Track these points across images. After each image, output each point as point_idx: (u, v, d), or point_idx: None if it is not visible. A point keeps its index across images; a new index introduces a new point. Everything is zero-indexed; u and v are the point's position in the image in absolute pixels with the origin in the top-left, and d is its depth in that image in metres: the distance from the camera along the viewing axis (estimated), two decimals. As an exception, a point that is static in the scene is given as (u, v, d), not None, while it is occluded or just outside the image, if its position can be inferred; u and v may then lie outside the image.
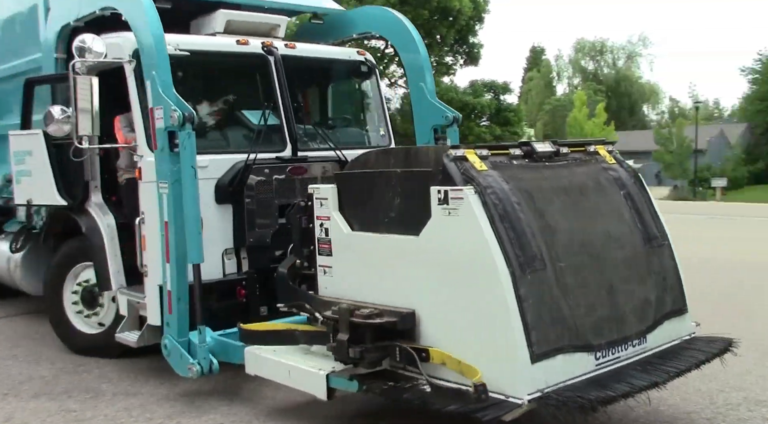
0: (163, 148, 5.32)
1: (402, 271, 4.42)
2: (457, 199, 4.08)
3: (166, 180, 5.32)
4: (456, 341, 4.11)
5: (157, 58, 5.36)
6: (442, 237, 4.17)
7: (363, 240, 4.70)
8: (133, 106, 5.87)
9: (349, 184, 4.86)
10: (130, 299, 6.18)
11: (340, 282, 4.85)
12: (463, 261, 4.07)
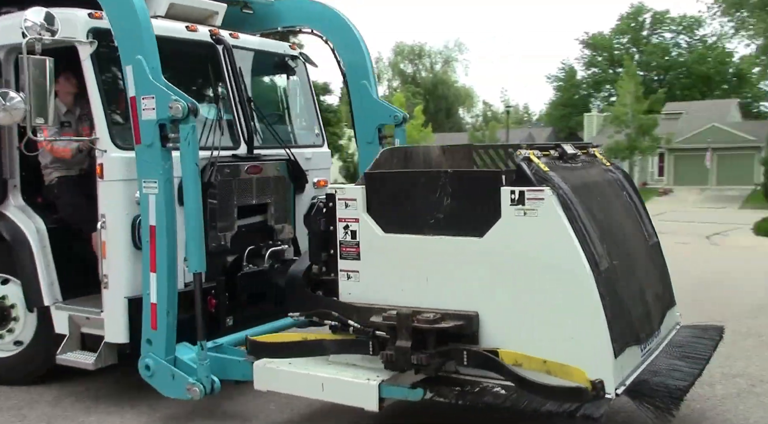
0: (152, 143, 4.69)
1: (460, 272, 4.31)
2: (535, 200, 4.07)
3: (154, 179, 4.71)
4: (529, 341, 4.10)
5: (143, 39, 4.71)
6: (514, 238, 4.14)
7: (402, 242, 4.51)
8: (93, 94, 5.12)
9: (383, 185, 4.64)
10: (73, 315, 5.37)
11: (369, 287, 4.61)
12: (542, 261, 4.07)
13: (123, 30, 4.79)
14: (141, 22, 4.72)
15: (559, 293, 4.04)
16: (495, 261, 4.21)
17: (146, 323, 4.87)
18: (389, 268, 4.56)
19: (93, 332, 5.36)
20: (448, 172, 4.47)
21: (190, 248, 4.69)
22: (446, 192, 4.40)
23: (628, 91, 39.30)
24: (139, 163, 4.78)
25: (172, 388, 4.81)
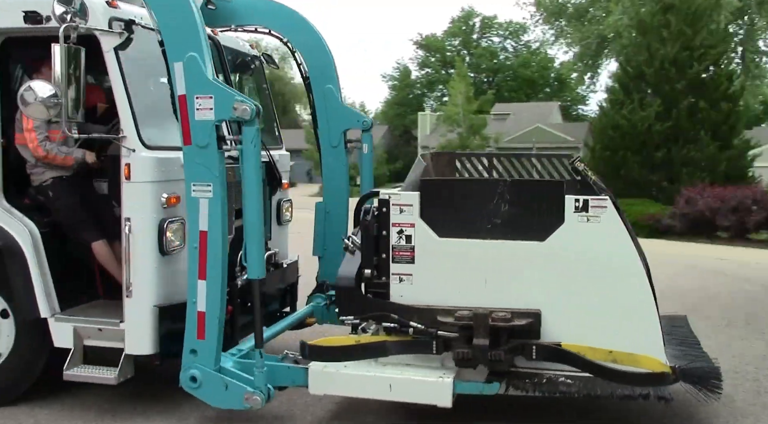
0: (207, 145, 4.50)
1: (521, 274, 4.65)
2: (598, 208, 4.52)
3: (207, 182, 4.52)
4: (589, 335, 4.53)
5: (198, 35, 4.50)
6: (576, 242, 4.55)
7: (459, 246, 4.74)
8: (118, 90, 4.76)
9: (437, 191, 4.84)
10: (79, 327, 4.96)
11: (423, 289, 4.79)
12: (603, 262, 4.53)
13: (172, 24, 4.52)
14: (194, 16, 4.50)
15: (619, 291, 4.53)
16: (556, 263, 4.59)
17: (191, 333, 4.65)
18: (445, 271, 4.77)
19: (103, 345, 4.97)
20: (507, 180, 4.79)
21: (250, 253, 4.56)
22: (504, 199, 4.70)
23: (460, 92, 41.03)
24: (189, 166, 4.55)
25: (225, 398, 4.65)
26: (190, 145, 4.53)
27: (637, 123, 22.31)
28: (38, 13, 4.77)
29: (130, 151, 4.72)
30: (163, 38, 4.53)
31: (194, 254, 4.60)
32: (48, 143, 5.10)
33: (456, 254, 4.75)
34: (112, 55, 4.74)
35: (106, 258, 5.29)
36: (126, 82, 4.76)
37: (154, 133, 4.91)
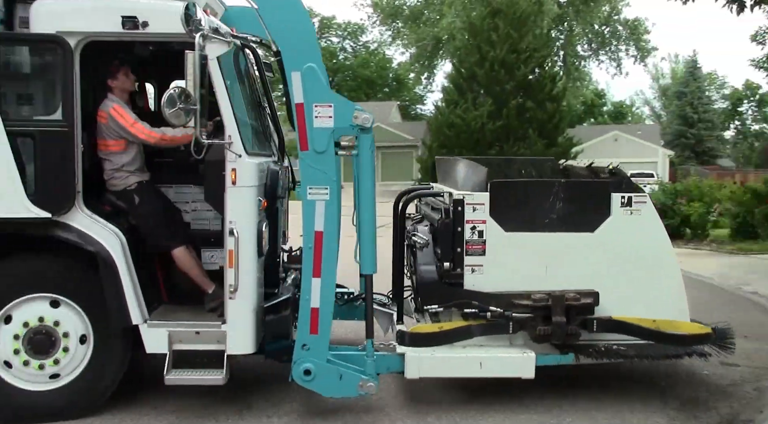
0: (325, 150, 4.84)
1: (576, 260, 5.47)
2: (640, 203, 5.49)
3: (324, 185, 4.87)
4: (633, 308, 5.47)
5: (315, 46, 4.84)
6: (622, 231, 5.48)
7: (522, 239, 5.47)
8: (222, 97, 4.90)
9: (504, 192, 5.51)
10: (173, 332, 4.99)
11: (492, 278, 5.45)
12: (644, 248, 5.50)
13: (291, 37, 4.80)
14: (313, 30, 4.82)
15: (658, 270, 5.53)
16: (606, 250, 5.49)
17: (304, 328, 4.93)
18: (511, 261, 5.47)
19: (197, 348, 5.02)
20: (561, 181, 5.60)
21: (364, 251, 4.93)
22: (559, 198, 5.52)
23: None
24: (306, 170, 4.85)
25: (340, 388, 4.99)
26: (307, 151, 4.84)
27: (471, 122, 23.89)
28: (137, 18, 4.77)
29: (237, 156, 4.88)
30: (281, 49, 4.80)
31: (309, 253, 4.90)
32: (155, 128, 5.06)
33: (520, 246, 5.47)
34: (215, 63, 4.87)
35: (189, 263, 5.33)
36: (228, 90, 4.90)
37: (247, 140, 5.09)
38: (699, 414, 5.36)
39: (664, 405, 5.56)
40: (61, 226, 4.85)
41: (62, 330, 4.99)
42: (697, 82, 55.06)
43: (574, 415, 5.33)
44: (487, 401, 5.51)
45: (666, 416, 5.34)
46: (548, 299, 5.27)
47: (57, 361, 5.00)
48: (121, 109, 5.12)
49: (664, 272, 5.56)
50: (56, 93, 4.82)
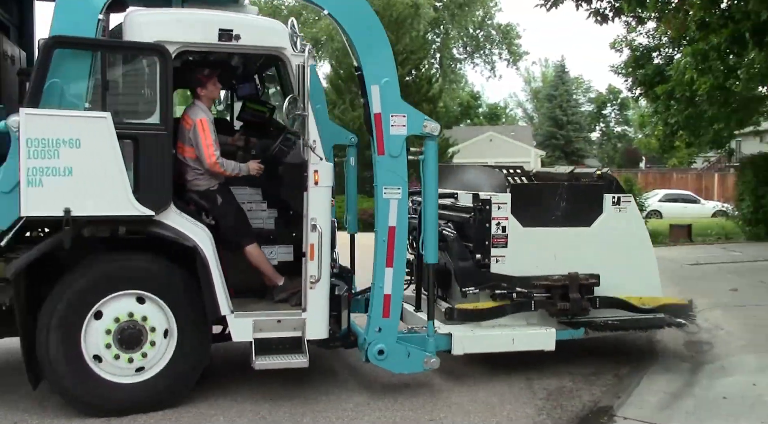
0: (399, 155, 5.51)
1: (578, 249, 6.49)
2: (626, 202, 6.65)
3: (397, 186, 5.54)
4: (622, 288, 6.57)
5: (391, 64, 5.49)
6: (612, 226, 6.60)
7: (536, 233, 6.42)
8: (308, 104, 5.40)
9: (522, 193, 6.44)
10: (258, 320, 5.43)
11: (512, 266, 6.35)
12: (630, 238, 6.64)
13: (372, 55, 5.44)
14: (389, 47, 5.47)
15: (640, 257, 6.69)
16: (600, 241, 6.57)
17: (377, 313, 5.56)
18: (527, 251, 6.40)
19: (278, 335, 5.47)
20: (564, 184, 6.61)
21: (428, 242, 5.63)
22: (562, 198, 6.53)
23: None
24: (382, 172, 5.49)
25: (408, 364, 5.66)
26: (384, 155, 5.49)
27: (350, 123, 24.49)
28: (232, 31, 5.19)
29: (320, 158, 5.41)
30: (362, 65, 5.41)
31: (383, 246, 5.54)
32: (223, 160, 5.44)
33: (534, 238, 6.42)
34: (301, 74, 5.37)
35: (261, 258, 5.73)
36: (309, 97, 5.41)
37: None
38: (564, 402, 5.77)
39: (533, 396, 5.93)
40: (158, 223, 5.13)
41: (149, 325, 5.25)
42: (566, 85, 58.71)
43: (448, 410, 5.54)
44: (363, 400, 5.69)
45: (534, 406, 5.68)
46: (566, 279, 6.24)
47: (145, 354, 5.25)
48: (207, 125, 5.45)
49: (644, 256, 6.74)
50: (154, 98, 5.12)
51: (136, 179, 5.00)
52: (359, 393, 5.83)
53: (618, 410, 5.48)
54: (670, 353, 7.18)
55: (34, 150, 4.69)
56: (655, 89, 19.47)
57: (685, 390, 5.95)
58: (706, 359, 6.84)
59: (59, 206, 4.78)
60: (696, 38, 14.96)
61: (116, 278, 5.19)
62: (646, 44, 20.94)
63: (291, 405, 5.53)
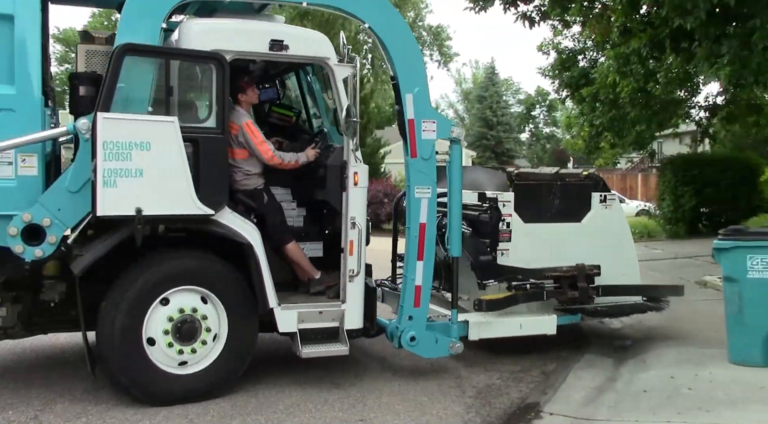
0: (429, 158, 6.02)
1: (569, 244, 7.17)
2: (611, 200, 7.41)
3: (427, 186, 6.05)
4: (610, 276, 7.29)
5: (423, 74, 5.99)
6: (599, 221, 7.33)
7: (534, 228, 7.08)
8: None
9: (523, 191, 7.07)
10: (303, 312, 5.85)
11: (514, 259, 6.98)
12: (616, 234, 7.40)
13: (406, 66, 5.93)
14: (422, 59, 5.97)
15: (623, 249, 7.45)
16: (589, 235, 7.29)
17: (409, 303, 6.06)
18: (527, 245, 7.04)
19: (319, 326, 5.88)
20: (558, 183, 7.28)
21: (453, 237, 6.17)
22: (556, 196, 7.21)
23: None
24: (414, 174, 6.00)
25: (435, 349, 6.19)
26: (416, 158, 6.00)
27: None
28: (283, 41, 5.57)
29: (359, 161, 5.86)
30: (397, 75, 5.90)
31: (414, 241, 6.04)
32: (279, 152, 5.80)
33: (533, 233, 7.07)
34: (341, 83, 5.81)
35: (300, 254, 6.12)
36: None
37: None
38: (492, 400, 5.87)
39: (462, 394, 6.01)
40: (214, 222, 5.45)
41: (206, 325, 5.55)
42: (496, 87, 59.58)
43: (378, 410, 5.56)
44: (293, 402, 5.67)
45: (463, 404, 5.75)
46: (574, 270, 6.91)
47: (194, 350, 5.53)
48: (253, 126, 5.85)
49: (626, 248, 7.50)
50: (211, 103, 5.43)
51: (196, 180, 5.31)
52: (290, 394, 5.81)
53: (545, 406, 5.63)
54: (595, 349, 7.47)
55: (109, 152, 4.94)
56: (581, 91, 20.44)
57: (608, 385, 6.18)
58: (628, 354, 7.21)
59: (131, 206, 5.04)
60: (618, 43, 15.71)
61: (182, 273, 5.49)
62: (571, 48, 21.90)
63: (219, 408, 5.49)
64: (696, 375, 6.06)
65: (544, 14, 14.94)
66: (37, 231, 5.10)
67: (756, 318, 6.26)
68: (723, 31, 10.04)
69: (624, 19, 13.71)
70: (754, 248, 6.30)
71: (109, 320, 5.28)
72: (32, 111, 5.13)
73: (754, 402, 5.37)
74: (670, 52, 13.94)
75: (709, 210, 18.24)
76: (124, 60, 5.05)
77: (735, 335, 6.43)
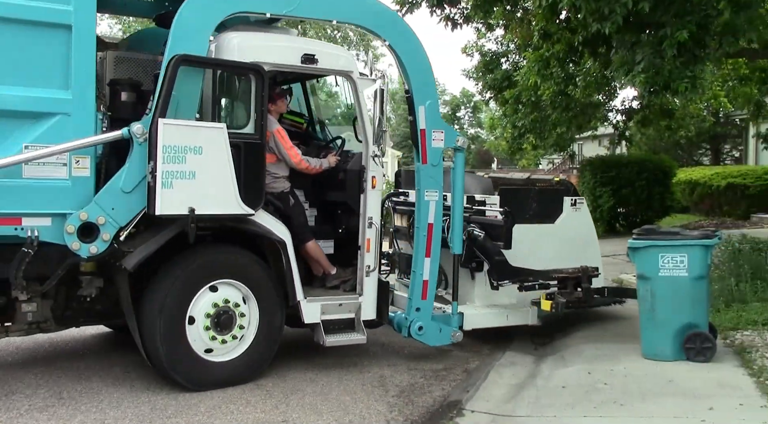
0: (437, 164, 6.67)
1: (543, 244, 7.96)
2: (580, 203, 8.27)
3: (435, 189, 6.70)
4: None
5: (434, 89, 6.61)
6: (570, 223, 8.17)
7: (516, 229, 7.75)
8: (366, 121, 6.44)
9: (507, 195, 7.80)
10: (325, 304, 6.38)
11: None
12: (584, 234, 8.26)
13: (420, 81, 6.55)
14: (432, 75, 6.58)
15: (591, 246, 8.31)
16: (561, 235, 8.11)
17: (417, 296, 6.70)
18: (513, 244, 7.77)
19: (338, 317, 6.44)
20: (535, 188, 8.06)
21: (455, 236, 6.83)
22: (534, 199, 8.00)
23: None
24: (424, 179, 6.63)
25: (439, 338, 6.85)
26: (426, 164, 6.63)
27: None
28: (314, 56, 6.07)
29: (378, 166, 6.43)
30: (412, 89, 6.51)
31: (423, 239, 6.69)
32: (307, 158, 6.29)
33: (515, 233, 7.79)
34: (362, 95, 6.38)
35: (319, 251, 6.63)
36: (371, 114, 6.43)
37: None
38: (415, 398, 6.01)
39: (385, 393, 6.12)
40: (253, 222, 5.91)
41: (239, 323, 6.03)
42: None
43: (301, 411, 5.61)
44: (215, 404, 5.70)
45: (386, 403, 5.85)
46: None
47: (224, 341, 5.99)
48: (284, 132, 6.37)
49: (592, 247, 8.38)
50: (250, 111, 5.88)
51: (238, 182, 5.74)
52: (211, 396, 5.83)
53: (467, 404, 5.77)
54: (516, 347, 7.79)
55: (167, 156, 5.34)
56: (504, 94, 21.36)
57: (529, 381, 6.41)
58: (548, 351, 7.55)
59: (185, 206, 5.46)
60: (539, 46, 15.95)
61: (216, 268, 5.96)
62: (495, 50, 22.93)
63: (138, 411, 5.51)
64: (612, 370, 6.33)
65: (466, 17, 15.25)
66: (91, 229, 5.43)
67: (666, 314, 6.57)
68: (638, 39, 10.82)
69: (544, 23, 14.00)
70: (665, 247, 6.58)
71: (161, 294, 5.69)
72: (86, 115, 5.44)
73: (664, 395, 5.63)
74: (588, 56, 14.47)
75: (625, 210, 19.39)
76: (178, 70, 5.44)
77: (647, 331, 6.73)
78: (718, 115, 26.91)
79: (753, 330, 7.25)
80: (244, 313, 6.04)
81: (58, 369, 6.44)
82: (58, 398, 5.71)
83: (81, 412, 5.47)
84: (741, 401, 5.33)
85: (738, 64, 16.52)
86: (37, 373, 6.32)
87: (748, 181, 20.56)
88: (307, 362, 6.80)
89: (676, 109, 19.65)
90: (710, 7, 9.24)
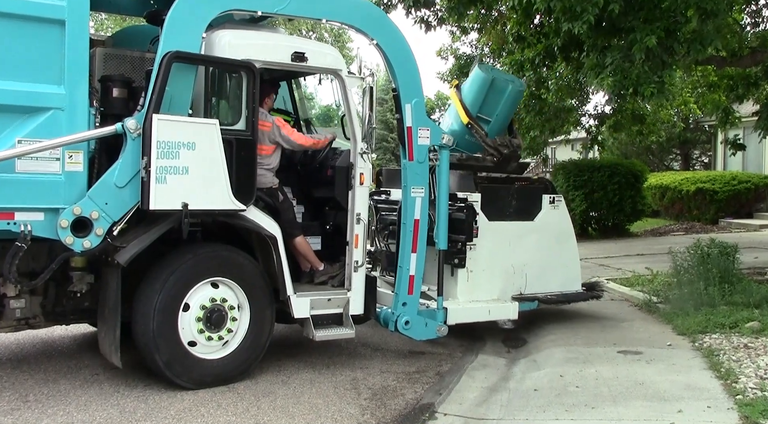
0: (423, 161, 6.90)
1: (523, 241, 8.23)
2: (558, 201, 8.56)
3: (421, 186, 6.93)
4: (555, 269, 8.45)
5: (420, 87, 6.83)
6: (549, 220, 8.47)
7: (496, 226, 8.09)
8: (355, 119, 6.63)
9: (486, 192, 8.05)
10: (314, 299, 6.56)
11: (479, 253, 7.95)
12: (561, 230, 8.55)
13: (407, 80, 6.80)
14: (419, 74, 6.80)
15: (568, 242, 8.60)
16: (540, 232, 8.39)
17: (403, 290, 6.92)
18: (490, 241, 8.03)
19: (326, 312, 6.61)
20: (515, 185, 8.32)
21: (440, 232, 7.05)
22: (514, 197, 8.26)
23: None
24: (411, 175, 6.86)
25: (425, 332, 7.07)
26: (413, 161, 6.85)
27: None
28: (304, 54, 6.26)
29: (366, 163, 6.63)
30: (399, 87, 6.72)
31: (409, 235, 6.91)
32: (309, 135, 6.57)
33: (495, 230, 8.09)
34: (351, 93, 6.58)
35: (307, 247, 6.80)
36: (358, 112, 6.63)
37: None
38: (388, 401, 6.06)
39: (357, 396, 6.16)
40: (244, 217, 6.06)
41: (232, 315, 6.20)
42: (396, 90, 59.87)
43: (272, 414, 5.63)
44: (185, 407, 5.71)
45: (359, 406, 5.90)
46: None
47: (221, 337, 6.16)
48: (283, 121, 6.56)
49: (570, 244, 8.67)
50: (242, 107, 6.04)
51: (230, 178, 5.90)
52: (182, 399, 5.84)
53: (439, 407, 5.86)
54: (488, 350, 7.93)
55: (161, 151, 5.49)
56: (478, 97, 21.78)
57: (501, 384, 6.53)
58: (520, 355, 7.71)
59: (178, 201, 5.62)
60: (513, 50, 16.45)
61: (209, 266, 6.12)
62: (469, 54, 23.28)
63: (107, 415, 5.50)
64: (583, 373, 6.47)
65: (441, 19, 15.64)
66: (85, 224, 5.54)
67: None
68: (609, 43, 11.17)
69: (519, 27, 14.49)
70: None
71: (155, 299, 5.81)
72: (80, 110, 5.56)
73: (634, 398, 5.75)
74: (561, 60, 14.70)
75: (597, 214, 19.82)
76: (172, 66, 5.58)
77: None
78: (688, 121, 27.53)
79: (721, 333, 7.52)
80: (235, 317, 6.20)
81: (25, 371, 6.47)
82: (23, 401, 5.72)
83: (47, 415, 5.45)
84: (709, 403, 5.50)
85: (707, 71, 17.00)
86: (2, 375, 6.33)
87: (716, 187, 21.13)
88: (279, 365, 6.84)
89: (648, 115, 20.14)
90: (679, 14, 9.62)
